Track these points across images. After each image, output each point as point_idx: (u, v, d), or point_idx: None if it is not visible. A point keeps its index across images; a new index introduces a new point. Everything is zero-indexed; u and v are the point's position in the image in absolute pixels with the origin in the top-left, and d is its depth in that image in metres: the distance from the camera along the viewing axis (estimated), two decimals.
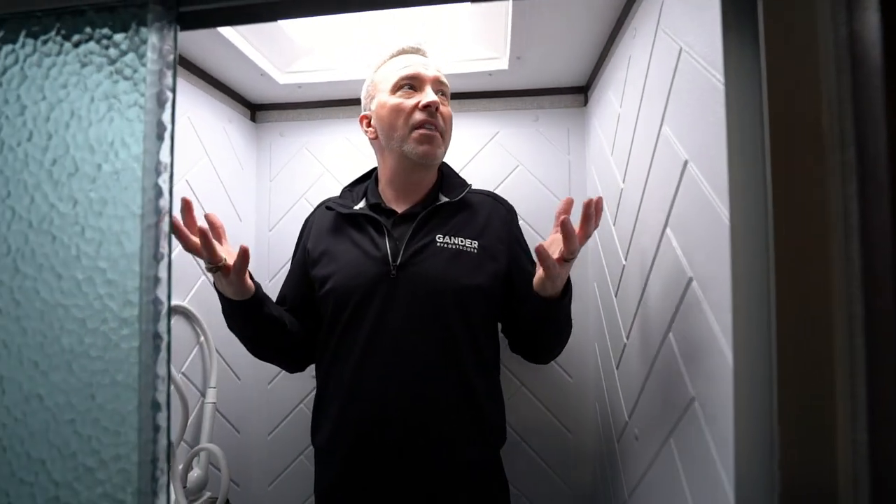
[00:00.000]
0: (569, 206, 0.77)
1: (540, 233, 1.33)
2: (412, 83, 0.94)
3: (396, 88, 0.94)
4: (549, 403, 1.33)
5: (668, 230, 0.73)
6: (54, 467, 0.47)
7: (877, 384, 0.35)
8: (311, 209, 1.13)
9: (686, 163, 0.65)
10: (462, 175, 1.08)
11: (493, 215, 1.00)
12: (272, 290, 1.05)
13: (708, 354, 0.59)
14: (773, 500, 0.38)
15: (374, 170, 1.07)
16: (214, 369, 1.22)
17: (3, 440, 0.48)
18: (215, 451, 1.03)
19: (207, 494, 1.13)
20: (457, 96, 1.39)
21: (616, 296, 1.04)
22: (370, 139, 1.01)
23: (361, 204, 1.00)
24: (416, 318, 0.89)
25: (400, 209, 0.98)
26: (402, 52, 0.98)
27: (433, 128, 0.92)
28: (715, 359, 0.56)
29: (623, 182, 0.97)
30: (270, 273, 1.45)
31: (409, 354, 0.89)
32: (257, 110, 1.50)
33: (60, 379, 0.48)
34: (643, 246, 0.85)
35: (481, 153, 1.38)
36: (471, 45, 1.24)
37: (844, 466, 0.36)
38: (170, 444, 0.47)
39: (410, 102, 0.92)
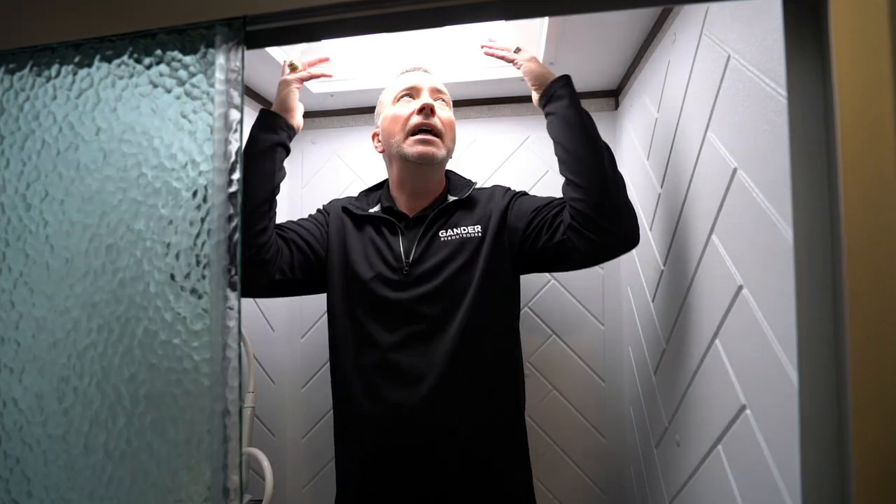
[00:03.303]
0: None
1: None
2: (410, 93, 1.01)
3: (396, 100, 1.01)
4: (582, 407, 1.32)
5: (713, 236, 0.72)
6: (133, 472, 0.49)
7: None
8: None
9: (735, 171, 0.65)
10: (493, 179, 1.10)
11: (495, 197, 1.04)
12: (305, 299, 1.04)
13: (761, 362, 0.58)
14: None
15: (387, 180, 1.12)
16: (252, 374, 1.24)
17: (85, 447, 0.50)
18: (257, 456, 1.06)
19: (248, 497, 1.15)
20: (488, 101, 1.40)
21: (653, 301, 1.04)
22: (380, 153, 1.08)
23: (376, 208, 1.05)
24: (428, 311, 0.93)
25: (411, 213, 1.02)
26: (405, 72, 1.06)
27: (429, 130, 0.97)
28: (771, 368, 0.56)
29: (661, 187, 0.97)
30: None
31: (424, 348, 0.92)
32: None
33: (135, 389, 0.50)
34: (685, 252, 0.84)
35: (512, 157, 1.38)
36: None
37: None
38: (241, 450, 0.48)
39: (408, 109, 0.98)
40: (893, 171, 0.38)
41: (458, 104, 1.38)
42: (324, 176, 1.49)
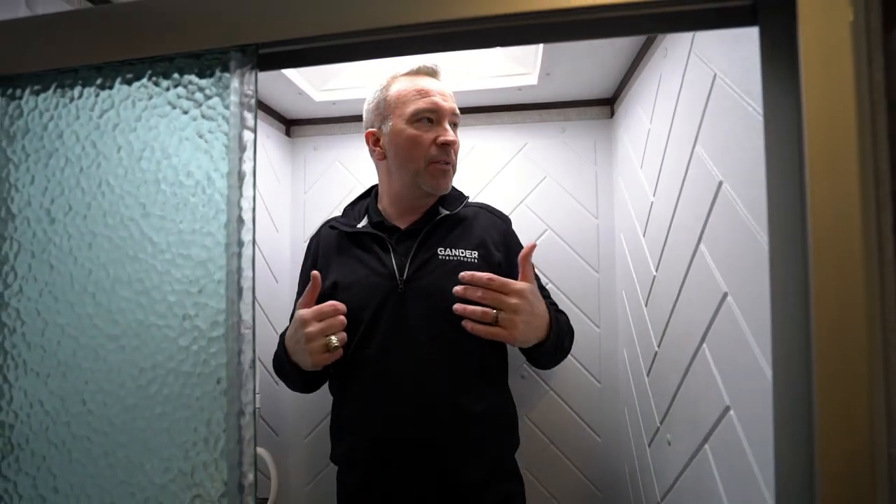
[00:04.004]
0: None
1: (569, 243, 1.37)
2: (431, 116, 0.95)
3: (414, 119, 0.94)
4: (578, 407, 1.36)
5: (702, 245, 0.76)
6: (153, 471, 0.53)
7: None
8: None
9: (721, 184, 0.68)
10: (492, 186, 1.12)
11: (490, 225, 1.03)
12: None
13: (744, 366, 0.62)
14: None
15: (373, 188, 1.12)
16: (257, 374, 1.28)
17: (107, 447, 0.54)
18: (263, 455, 1.09)
19: None
20: (486, 110, 1.43)
21: (646, 305, 1.07)
22: (376, 159, 1.03)
23: (364, 222, 1.03)
24: (425, 330, 0.92)
25: (402, 225, 1.01)
26: (419, 71, 0.99)
27: (448, 164, 0.96)
28: (751, 370, 0.60)
29: (653, 196, 1.01)
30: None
31: (419, 366, 0.92)
32: (292, 125, 1.56)
33: (155, 391, 0.53)
34: (675, 258, 0.88)
35: (510, 164, 1.42)
36: (502, 61, 1.28)
37: (881, 478, 0.39)
38: (255, 448, 0.52)
39: (429, 137, 0.94)
40: (857, 190, 0.41)
41: None
42: (326, 181, 1.52)
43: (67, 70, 0.57)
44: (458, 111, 0.99)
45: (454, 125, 0.98)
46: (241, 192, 0.52)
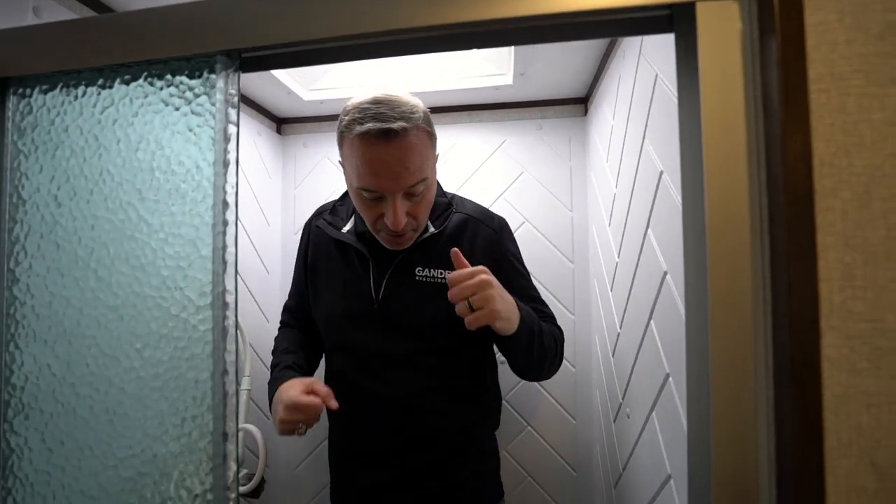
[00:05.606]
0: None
1: (545, 235, 1.44)
2: (376, 196, 0.81)
3: (357, 189, 0.82)
4: (554, 392, 1.43)
5: (649, 230, 0.83)
6: (148, 424, 0.60)
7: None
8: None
9: (661, 173, 0.76)
10: (472, 181, 1.13)
11: (478, 239, 0.93)
12: None
13: (678, 336, 0.69)
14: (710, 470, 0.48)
15: None
16: (248, 359, 1.35)
17: (107, 404, 0.61)
18: (253, 432, 1.16)
19: (245, 471, 1.26)
20: (466, 108, 1.51)
21: (611, 290, 1.15)
22: None
23: (349, 225, 0.96)
24: (399, 351, 0.89)
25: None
26: (367, 133, 0.76)
27: (400, 236, 0.85)
28: (682, 337, 0.67)
29: (616, 187, 1.08)
30: None
31: (393, 386, 0.89)
32: (282, 123, 1.63)
33: (150, 355, 0.61)
34: (631, 244, 0.95)
35: (489, 161, 1.49)
36: (479, 62, 1.36)
37: (758, 417, 0.46)
38: (238, 400, 0.59)
39: (375, 213, 0.82)
40: (745, 177, 0.48)
41: (439, 110, 1.49)
42: (315, 177, 1.59)
43: (72, 72, 0.64)
44: (420, 175, 0.80)
45: (412, 195, 0.81)
46: (225, 178, 0.59)
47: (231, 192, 0.60)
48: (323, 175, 1.59)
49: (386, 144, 0.76)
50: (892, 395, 0.42)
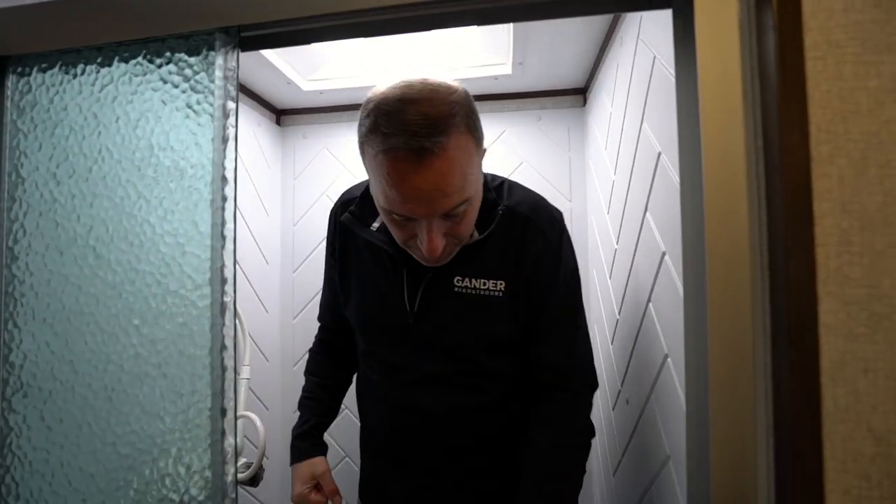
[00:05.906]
0: None
1: None
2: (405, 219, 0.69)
3: (387, 212, 0.70)
4: None
5: (647, 213, 0.83)
6: (146, 401, 0.60)
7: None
8: (333, 203, 0.98)
9: (659, 154, 0.76)
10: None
11: (530, 248, 0.78)
12: (297, 280, 1.15)
13: (676, 316, 0.69)
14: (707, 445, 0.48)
15: None
16: (248, 348, 1.35)
17: (106, 381, 0.61)
18: (253, 419, 1.16)
19: (243, 460, 1.26)
20: None
21: (610, 277, 1.15)
22: None
23: (378, 223, 0.82)
24: (436, 370, 0.81)
25: None
26: (394, 151, 0.62)
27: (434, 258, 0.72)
28: (680, 316, 0.67)
29: (614, 174, 1.08)
30: (294, 265, 1.58)
31: (423, 401, 0.82)
32: (282, 115, 1.63)
33: (148, 332, 0.61)
34: (630, 229, 0.96)
35: (489, 151, 1.49)
36: (478, 52, 1.36)
37: (756, 385, 0.46)
38: (236, 376, 0.59)
39: (405, 233, 0.71)
40: (742, 147, 0.49)
41: None
42: (314, 168, 1.60)
43: (71, 50, 0.64)
44: (463, 200, 0.67)
45: (451, 216, 0.68)
46: (224, 153, 0.60)
47: (230, 167, 0.60)
48: (322, 166, 1.59)
49: (418, 166, 0.62)
50: (889, 361, 0.42)
